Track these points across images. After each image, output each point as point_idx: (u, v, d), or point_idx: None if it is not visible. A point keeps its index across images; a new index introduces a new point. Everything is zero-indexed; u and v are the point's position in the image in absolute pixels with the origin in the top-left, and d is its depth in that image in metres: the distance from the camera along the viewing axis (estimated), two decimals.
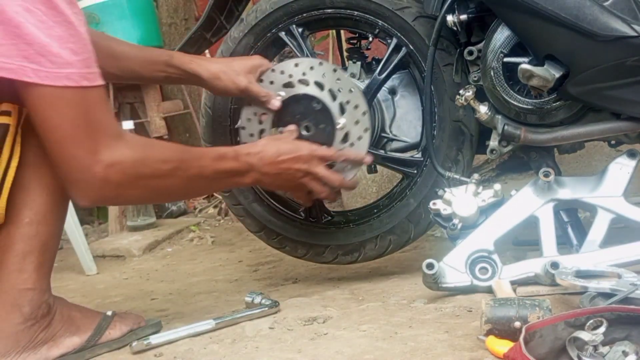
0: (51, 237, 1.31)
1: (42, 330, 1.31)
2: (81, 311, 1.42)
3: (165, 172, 1.27)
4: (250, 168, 1.41)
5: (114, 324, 1.42)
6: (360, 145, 1.57)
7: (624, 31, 1.38)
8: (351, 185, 1.60)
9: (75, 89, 1.13)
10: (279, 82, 1.62)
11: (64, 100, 1.14)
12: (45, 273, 1.32)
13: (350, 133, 1.57)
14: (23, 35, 1.08)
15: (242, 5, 1.80)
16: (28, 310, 1.29)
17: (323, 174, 1.49)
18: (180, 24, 3.82)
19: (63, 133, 1.16)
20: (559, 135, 1.54)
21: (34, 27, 1.08)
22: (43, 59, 1.10)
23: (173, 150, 1.33)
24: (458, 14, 1.55)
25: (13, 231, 1.27)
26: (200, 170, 1.33)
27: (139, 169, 1.23)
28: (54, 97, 1.13)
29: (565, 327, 1.06)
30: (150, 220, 3.06)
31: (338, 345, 1.27)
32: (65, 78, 1.12)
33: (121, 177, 1.20)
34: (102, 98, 1.19)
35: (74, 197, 1.24)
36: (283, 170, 1.45)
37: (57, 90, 1.12)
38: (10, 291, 1.28)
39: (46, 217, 1.29)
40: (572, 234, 1.54)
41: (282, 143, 1.48)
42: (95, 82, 1.16)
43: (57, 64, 1.11)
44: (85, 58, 1.15)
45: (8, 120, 1.22)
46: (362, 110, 1.57)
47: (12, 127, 1.22)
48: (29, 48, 1.09)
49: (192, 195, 1.60)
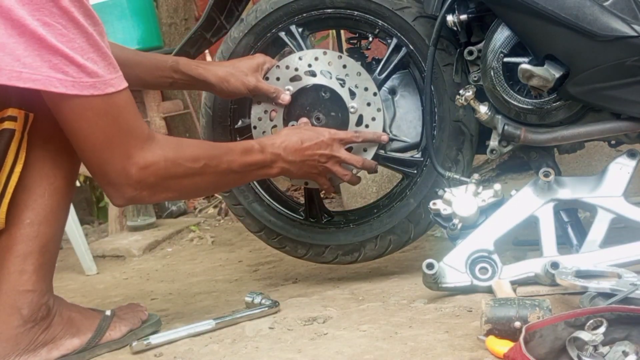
0: (52, 239, 1.31)
1: (42, 332, 1.31)
2: (81, 312, 1.42)
3: (197, 170, 1.31)
4: (276, 158, 1.45)
5: (113, 324, 1.42)
6: (374, 126, 1.61)
7: (624, 31, 1.38)
8: (370, 165, 1.62)
9: (102, 96, 1.16)
10: (285, 77, 1.64)
11: (93, 110, 1.16)
12: (45, 274, 1.31)
13: (364, 115, 1.61)
14: (47, 47, 1.10)
15: (242, 5, 1.80)
16: (27, 313, 1.28)
17: (345, 156, 1.54)
18: (180, 24, 3.82)
19: (95, 141, 1.19)
20: (559, 135, 1.54)
21: (56, 41, 1.10)
22: (68, 69, 1.12)
23: (202, 148, 1.37)
24: (458, 14, 1.55)
25: (14, 232, 1.27)
26: (229, 165, 1.37)
27: (171, 169, 1.27)
28: (83, 107, 1.16)
29: (565, 327, 1.06)
30: (150, 220, 3.06)
31: (338, 345, 1.27)
32: (91, 87, 1.14)
33: (155, 178, 1.25)
34: (129, 101, 1.22)
35: (110, 198, 1.28)
36: (308, 156, 1.49)
37: (85, 99, 1.15)
38: (10, 293, 1.28)
39: (47, 218, 1.29)
40: (572, 234, 1.54)
41: (303, 131, 1.52)
42: (120, 86, 1.19)
43: (83, 74, 1.13)
44: (107, 64, 1.17)
45: (13, 126, 1.22)
46: (372, 92, 1.61)
47: (17, 132, 1.23)
48: (54, 59, 1.10)
49: (222, 189, 1.65)
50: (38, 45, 1.09)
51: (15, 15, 1.07)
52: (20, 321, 1.28)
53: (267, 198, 1.81)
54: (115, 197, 1.27)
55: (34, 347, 1.30)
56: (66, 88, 1.12)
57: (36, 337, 1.30)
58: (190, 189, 1.36)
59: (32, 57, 1.09)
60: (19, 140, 1.24)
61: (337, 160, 1.54)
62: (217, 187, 1.50)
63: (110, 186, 1.25)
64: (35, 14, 1.08)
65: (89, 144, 1.20)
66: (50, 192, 1.29)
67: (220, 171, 1.36)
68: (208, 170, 1.33)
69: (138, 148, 1.22)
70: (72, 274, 2.49)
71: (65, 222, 1.36)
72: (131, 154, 1.21)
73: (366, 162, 1.60)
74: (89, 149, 1.21)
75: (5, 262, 1.28)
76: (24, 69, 1.09)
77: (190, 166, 1.30)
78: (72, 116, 1.17)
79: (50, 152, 1.28)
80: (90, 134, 1.19)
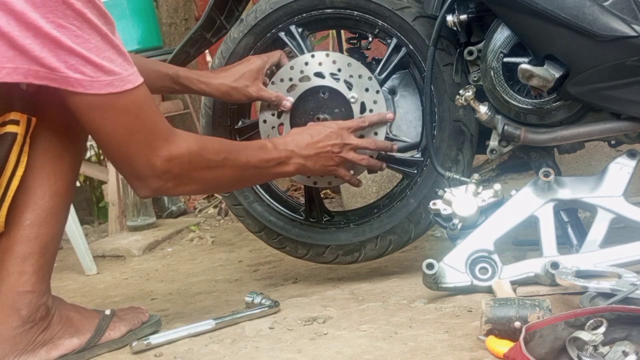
0: (52, 240, 1.31)
1: (41, 333, 1.31)
2: (79, 311, 1.42)
3: (218, 163, 1.34)
4: (291, 154, 1.48)
5: (113, 324, 1.42)
6: (378, 109, 1.64)
7: (624, 31, 1.38)
8: (385, 146, 1.64)
9: (121, 94, 1.17)
10: (283, 90, 1.67)
11: (114, 107, 1.18)
12: (44, 275, 1.31)
13: (365, 102, 1.64)
14: (63, 48, 1.11)
15: (242, 6, 1.80)
16: (26, 313, 1.28)
17: (357, 142, 1.57)
18: (180, 24, 3.82)
19: (120, 137, 1.21)
20: (559, 135, 1.54)
21: (71, 42, 1.11)
22: (85, 69, 1.13)
23: (221, 142, 1.43)
24: (458, 14, 1.55)
25: (14, 233, 1.28)
26: (247, 160, 1.40)
27: (194, 161, 1.30)
28: (104, 105, 1.17)
29: (565, 327, 1.06)
30: (150, 220, 3.06)
31: (338, 345, 1.27)
32: (109, 85, 1.16)
33: (180, 170, 1.28)
34: (147, 96, 1.24)
35: (136, 190, 1.31)
36: (320, 149, 1.51)
37: (104, 98, 1.16)
38: (9, 294, 1.28)
39: (47, 220, 1.29)
40: (572, 234, 1.54)
41: (311, 128, 1.56)
42: (137, 82, 1.20)
43: (100, 72, 1.14)
44: (123, 61, 1.18)
45: (16, 129, 1.23)
46: (366, 77, 1.64)
47: (20, 136, 1.23)
48: (70, 60, 1.12)
49: (243, 185, 1.66)
50: (54, 47, 1.10)
51: (28, 18, 1.08)
52: (19, 322, 1.28)
53: (268, 198, 1.81)
54: (140, 188, 1.29)
55: (33, 348, 1.30)
56: (84, 88, 1.13)
57: (35, 338, 1.30)
58: (212, 182, 1.39)
59: (49, 57, 1.10)
60: (21, 144, 1.24)
61: (351, 147, 1.55)
62: (238, 181, 1.51)
63: (136, 178, 1.28)
64: (49, 16, 1.09)
65: (114, 140, 1.22)
66: (51, 194, 1.29)
67: (240, 165, 1.39)
68: (228, 164, 1.36)
69: (162, 140, 1.25)
70: (72, 274, 2.49)
71: (65, 224, 1.37)
72: (156, 147, 1.24)
73: (379, 142, 1.62)
74: (113, 145, 1.23)
75: (4, 263, 1.28)
76: (41, 69, 1.10)
77: (212, 158, 1.33)
78: (94, 115, 1.18)
79: (51, 155, 1.29)
80: (113, 131, 1.20)
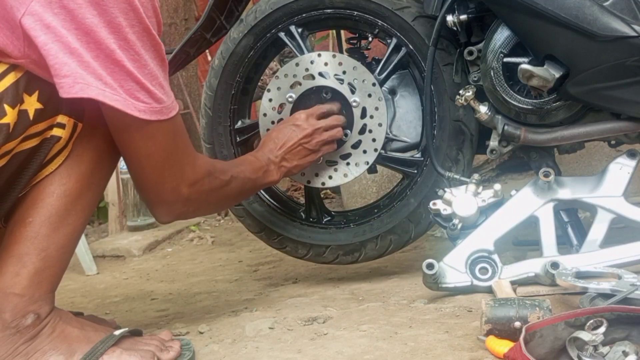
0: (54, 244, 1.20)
1: (25, 342, 1.17)
2: (85, 329, 1.24)
3: (226, 181, 1.39)
4: (268, 161, 1.53)
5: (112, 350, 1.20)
6: (379, 116, 1.63)
7: (624, 31, 1.38)
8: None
9: (168, 120, 1.19)
10: (285, 86, 1.65)
11: (160, 133, 1.20)
12: (42, 281, 1.19)
13: (367, 107, 1.63)
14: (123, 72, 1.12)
15: (242, 6, 1.80)
16: (9, 317, 1.16)
17: (325, 123, 1.61)
18: (180, 24, 3.81)
19: (157, 159, 1.22)
20: (559, 135, 1.54)
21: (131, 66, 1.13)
22: (139, 94, 1.14)
23: (222, 162, 1.52)
24: (458, 14, 1.55)
25: (15, 230, 1.20)
26: (245, 174, 1.46)
27: (212, 183, 1.34)
28: (152, 130, 1.19)
29: (565, 327, 1.06)
30: (150, 220, 3.05)
31: (338, 345, 1.27)
32: (159, 113, 1.17)
33: (200, 194, 1.30)
34: (182, 121, 1.27)
35: (158, 216, 1.32)
36: (289, 149, 1.57)
37: (154, 124, 1.18)
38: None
39: (50, 220, 1.20)
40: (572, 234, 1.54)
41: (275, 132, 1.60)
42: (177, 108, 1.23)
43: (151, 99, 1.16)
44: (169, 89, 1.21)
45: (61, 133, 1.19)
46: (370, 82, 1.63)
47: (63, 140, 1.19)
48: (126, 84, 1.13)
49: (241, 199, 1.70)
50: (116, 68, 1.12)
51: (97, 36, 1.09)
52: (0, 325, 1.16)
53: (268, 198, 1.81)
54: (164, 214, 1.30)
55: (12, 357, 1.16)
56: (140, 113, 1.14)
57: (17, 347, 1.16)
58: (223, 201, 1.45)
59: (111, 78, 1.11)
60: (61, 147, 1.20)
61: (322, 129, 1.60)
62: (238, 196, 1.55)
63: (161, 204, 1.29)
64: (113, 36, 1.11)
65: (151, 162, 1.22)
66: (60, 194, 1.21)
67: (242, 179, 1.44)
68: (233, 181, 1.41)
69: (190, 165, 1.27)
70: (72, 274, 2.49)
71: (75, 230, 1.23)
72: (184, 172, 1.26)
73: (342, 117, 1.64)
74: (149, 169, 1.23)
75: (1, 262, 1.19)
76: (106, 89, 1.11)
77: (223, 178, 1.38)
78: (139, 137, 1.19)
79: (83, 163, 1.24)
80: (153, 153, 1.21)
